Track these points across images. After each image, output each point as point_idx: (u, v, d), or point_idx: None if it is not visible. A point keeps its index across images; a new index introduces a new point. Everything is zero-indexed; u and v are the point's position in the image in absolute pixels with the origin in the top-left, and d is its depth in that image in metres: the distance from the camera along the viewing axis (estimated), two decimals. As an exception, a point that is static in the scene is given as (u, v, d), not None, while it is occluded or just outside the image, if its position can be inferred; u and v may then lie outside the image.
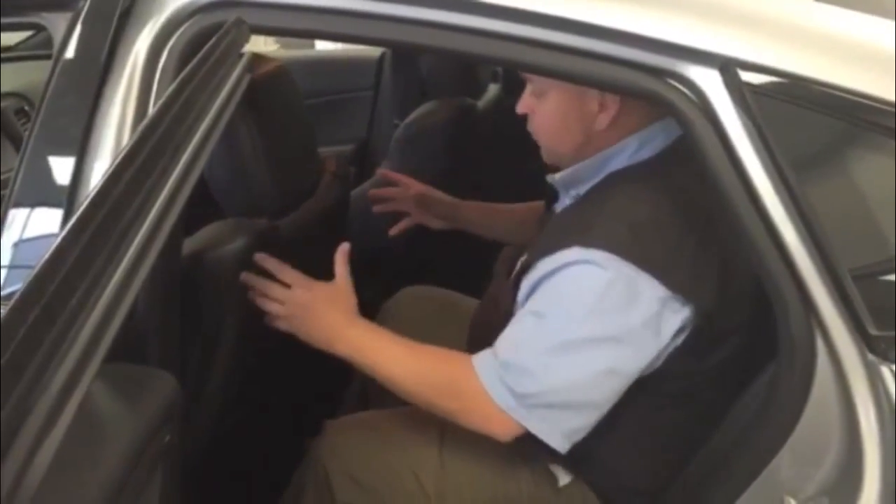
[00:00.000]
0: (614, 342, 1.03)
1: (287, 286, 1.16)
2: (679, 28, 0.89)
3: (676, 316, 1.04)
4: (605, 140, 1.13)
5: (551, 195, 1.29)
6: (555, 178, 1.22)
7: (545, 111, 1.15)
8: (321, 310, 1.15)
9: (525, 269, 1.13)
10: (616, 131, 1.12)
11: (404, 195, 1.63)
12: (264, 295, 1.16)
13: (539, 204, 1.52)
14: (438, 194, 1.65)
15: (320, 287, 1.17)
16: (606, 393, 1.06)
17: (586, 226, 1.05)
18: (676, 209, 1.05)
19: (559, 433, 1.07)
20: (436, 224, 1.65)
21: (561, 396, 1.05)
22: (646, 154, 1.13)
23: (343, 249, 1.20)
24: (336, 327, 1.15)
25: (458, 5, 0.93)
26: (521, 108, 1.20)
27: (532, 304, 1.09)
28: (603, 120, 1.11)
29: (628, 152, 1.13)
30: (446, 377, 1.13)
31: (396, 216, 1.65)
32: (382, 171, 1.64)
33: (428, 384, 1.13)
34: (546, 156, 1.22)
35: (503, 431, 1.09)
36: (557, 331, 1.04)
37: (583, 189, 1.18)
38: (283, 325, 1.17)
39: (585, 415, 1.07)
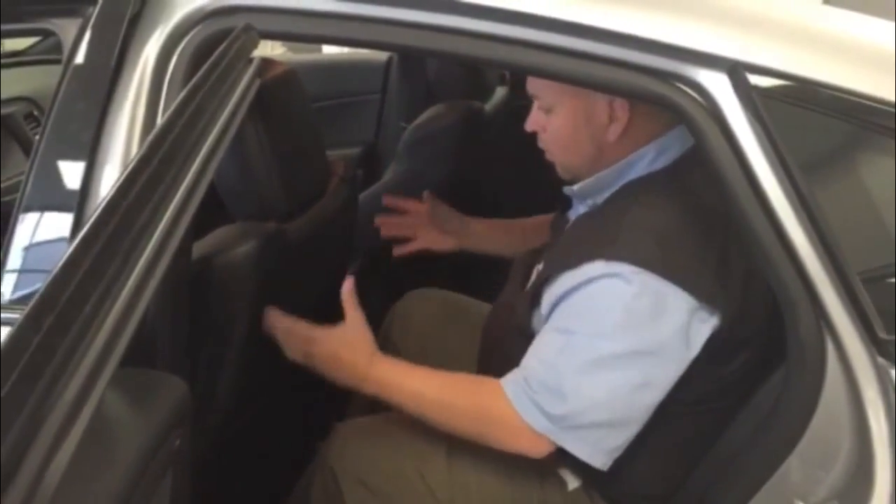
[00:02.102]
0: (645, 356, 1.02)
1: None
2: (687, 32, 0.89)
3: (705, 325, 1.03)
4: (619, 151, 1.13)
5: (564, 201, 1.29)
6: (572, 189, 1.21)
7: (555, 127, 1.15)
8: (342, 357, 1.16)
9: (545, 280, 1.12)
10: (629, 141, 1.12)
11: (412, 221, 1.59)
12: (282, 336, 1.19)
13: (546, 217, 1.51)
14: (447, 209, 1.61)
15: (336, 335, 1.17)
16: (642, 408, 1.05)
17: (610, 238, 1.03)
18: (698, 216, 1.04)
19: (600, 452, 1.06)
20: (442, 245, 1.60)
21: (597, 415, 1.04)
22: (664, 162, 1.12)
23: (348, 288, 1.20)
24: (359, 370, 1.16)
25: (466, 9, 0.93)
26: (530, 125, 1.19)
27: (558, 322, 1.08)
28: (614, 130, 1.10)
29: (647, 160, 1.12)
30: (475, 404, 1.13)
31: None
32: (388, 199, 1.60)
33: (458, 413, 1.13)
34: (561, 171, 1.21)
35: (539, 452, 1.09)
36: (587, 348, 1.03)
37: (600, 198, 1.17)
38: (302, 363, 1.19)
39: (624, 431, 1.06)
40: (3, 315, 0.92)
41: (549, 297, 1.11)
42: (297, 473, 1.37)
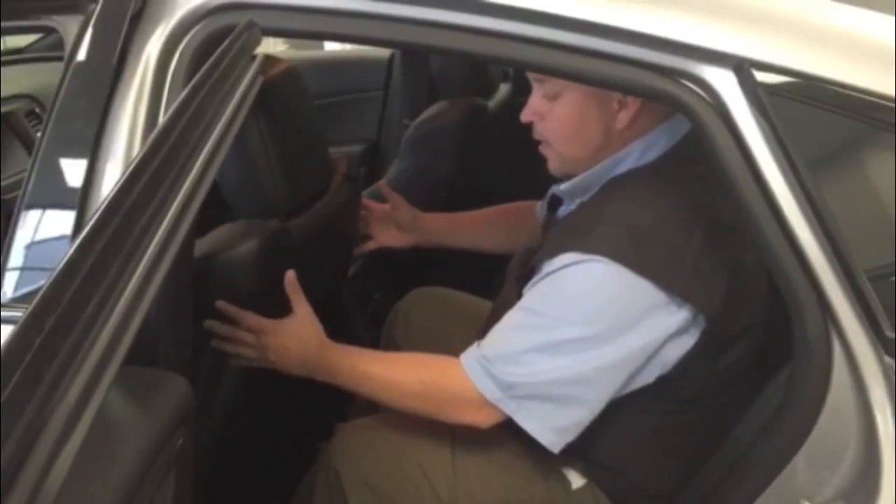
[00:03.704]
0: (604, 342, 1.03)
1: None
2: (693, 28, 0.89)
3: (672, 318, 1.04)
4: (623, 140, 1.12)
5: (555, 200, 1.28)
6: (560, 189, 1.21)
7: (560, 114, 1.13)
8: (291, 347, 1.18)
9: (530, 274, 1.13)
10: (634, 129, 1.11)
11: (366, 220, 1.65)
12: (232, 341, 1.19)
13: (506, 206, 1.55)
14: (401, 207, 1.65)
15: (283, 326, 1.19)
16: (596, 392, 1.06)
17: (586, 231, 1.05)
18: (679, 211, 1.05)
19: (549, 430, 1.07)
20: (398, 242, 1.65)
21: (548, 389, 1.06)
22: (650, 157, 1.12)
23: (290, 279, 1.20)
24: (309, 359, 1.18)
25: (469, 6, 0.92)
26: (528, 114, 1.17)
27: (526, 302, 1.10)
28: (623, 118, 1.10)
29: (633, 157, 1.12)
30: (427, 377, 1.15)
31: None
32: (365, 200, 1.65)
33: (409, 388, 1.16)
34: (558, 164, 1.20)
35: (487, 422, 1.11)
36: (549, 329, 1.05)
37: (587, 196, 1.17)
38: (260, 365, 1.21)
39: (575, 412, 1.07)
40: (4, 313, 0.92)
41: (529, 286, 1.12)
42: (299, 473, 1.37)
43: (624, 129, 1.11)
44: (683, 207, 1.05)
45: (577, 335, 1.04)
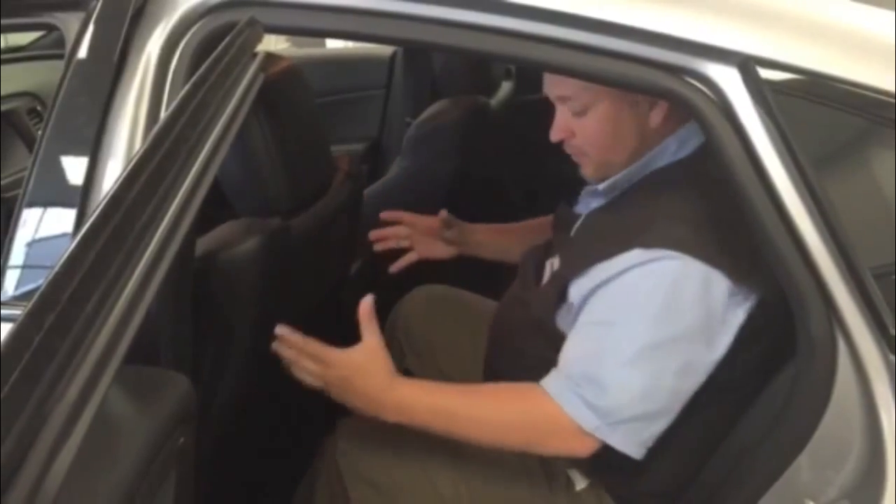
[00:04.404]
0: (687, 341, 1.01)
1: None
2: (697, 25, 0.88)
3: (741, 308, 1.03)
4: (658, 137, 1.11)
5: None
6: (598, 188, 1.18)
7: (592, 126, 1.11)
8: (355, 382, 1.09)
9: (570, 275, 1.10)
10: (668, 126, 1.10)
11: (407, 233, 1.54)
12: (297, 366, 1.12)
13: (546, 219, 1.48)
14: (451, 223, 1.56)
15: (351, 359, 1.09)
16: (682, 395, 1.04)
17: (644, 226, 1.02)
18: (726, 203, 1.03)
19: (639, 443, 1.05)
20: (440, 254, 1.56)
21: (641, 407, 1.03)
22: (687, 150, 1.11)
23: (366, 309, 1.11)
24: (375, 395, 1.09)
25: (474, 4, 0.92)
26: (558, 134, 1.15)
27: (596, 314, 1.06)
28: (656, 116, 1.09)
29: (671, 151, 1.12)
30: (515, 412, 1.09)
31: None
32: (384, 213, 1.55)
33: (498, 426, 1.09)
34: (593, 169, 1.17)
35: (586, 451, 1.06)
36: (629, 338, 1.02)
37: (618, 192, 1.16)
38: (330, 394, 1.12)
39: (664, 420, 1.05)
40: (5, 311, 0.92)
41: (578, 290, 1.09)
42: (301, 470, 1.37)
43: (658, 127, 1.10)
44: (727, 199, 1.04)
45: (658, 338, 1.01)
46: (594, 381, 1.03)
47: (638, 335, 1.02)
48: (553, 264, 1.21)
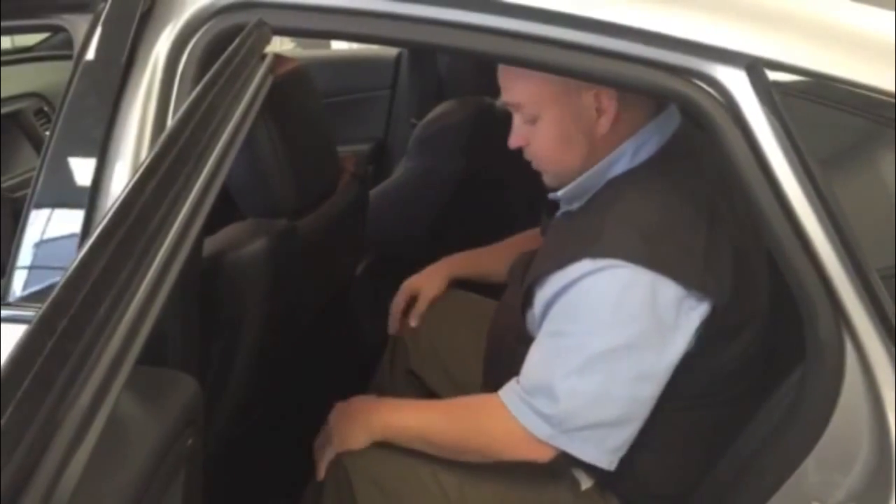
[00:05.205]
0: (637, 348, 1.02)
1: None
2: (704, 27, 0.88)
3: (695, 312, 1.03)
4: (610, 143, 1.11)
5: (553, 203, 1.28)
6: (557, 195, 1.19)
7: (543, 134, 1.12)
8: (341, 424, 1.21)
9: (534, 282, 1.12)
10: (619, 132, 1.10)
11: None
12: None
13: (534, 232, 1.50)
14: (463, 277, 1.61)
15: (331, 421, 1.23)
16: (640, 402, 1.05)
17: (594, 236, 1.03)
18: (682, 206, 1.04)
19: (604, 452, 1.06)
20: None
21: (595, 415, 1.04)
22: (644, 155, 1.11)
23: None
24: (363, 425, 1.19)
25: (478, 5, 0.92)
26: (515, 141, 1.17)
27: (550, 325, 1.08)
28: (604, 123, 1.09)
29: (627, 157, 1.11)
30: (476, 424, 1.14)
31: (415, 219, 1.62)
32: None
33: (457, 436, 1.15)
34: (552, 179, 1.19)
35: (546, 457, 1.09)
36: (579, 347, 1.03)
37: (585, 198, 1.16)
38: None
39: (626, 428, 1.06)
40: (14, 312, 0.92)
41: (540, 298, 1.11)
42: (308, 471, 1.37)
43: (608, 134, 1.10)
44: (686, 202, 1.04)
45: (608, 345, 1.02)
46: (545, 391, 1.05)
47: (586, 344, 1.03)
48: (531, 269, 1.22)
